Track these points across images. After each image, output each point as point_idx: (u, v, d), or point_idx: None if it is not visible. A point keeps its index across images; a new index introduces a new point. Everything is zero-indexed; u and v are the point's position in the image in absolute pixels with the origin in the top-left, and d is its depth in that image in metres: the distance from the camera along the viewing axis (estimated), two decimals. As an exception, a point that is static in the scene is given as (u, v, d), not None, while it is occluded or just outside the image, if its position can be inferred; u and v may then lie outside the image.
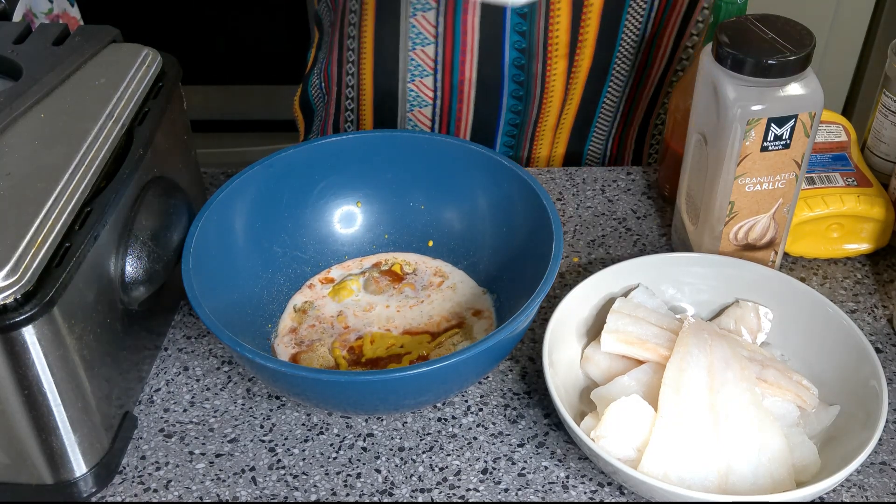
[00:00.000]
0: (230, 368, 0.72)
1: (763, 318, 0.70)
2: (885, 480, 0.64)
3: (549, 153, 0.99)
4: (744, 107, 0.66)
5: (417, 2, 0.85)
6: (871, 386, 0.62)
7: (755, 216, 0.72)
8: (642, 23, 0.89)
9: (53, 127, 0.64)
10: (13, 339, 0.54)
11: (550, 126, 0.94)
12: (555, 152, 0.99)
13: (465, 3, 0.85)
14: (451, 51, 0.88)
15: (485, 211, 0.76)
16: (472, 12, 0.85)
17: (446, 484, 0.63)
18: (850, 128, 0.85)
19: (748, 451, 0.60)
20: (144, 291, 0.65)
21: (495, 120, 0.94)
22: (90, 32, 0.72)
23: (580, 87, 0.92)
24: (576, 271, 0.80)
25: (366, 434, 0.67)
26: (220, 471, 0.64)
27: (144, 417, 0.68)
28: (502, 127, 0.94)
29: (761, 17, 0.68)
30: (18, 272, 0.53)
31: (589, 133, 0.97)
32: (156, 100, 0.70)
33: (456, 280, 0.77)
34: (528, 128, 0.94)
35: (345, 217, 0.79)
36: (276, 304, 0.75)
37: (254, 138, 2.16)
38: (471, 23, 0.86)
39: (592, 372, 0.68)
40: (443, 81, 0.91)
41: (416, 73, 0.91)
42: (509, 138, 0.96)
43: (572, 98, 0.92)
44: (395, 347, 0.71)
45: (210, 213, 0.69)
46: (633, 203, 0.87)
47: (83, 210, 0.59)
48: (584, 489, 0.63)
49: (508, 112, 0.93)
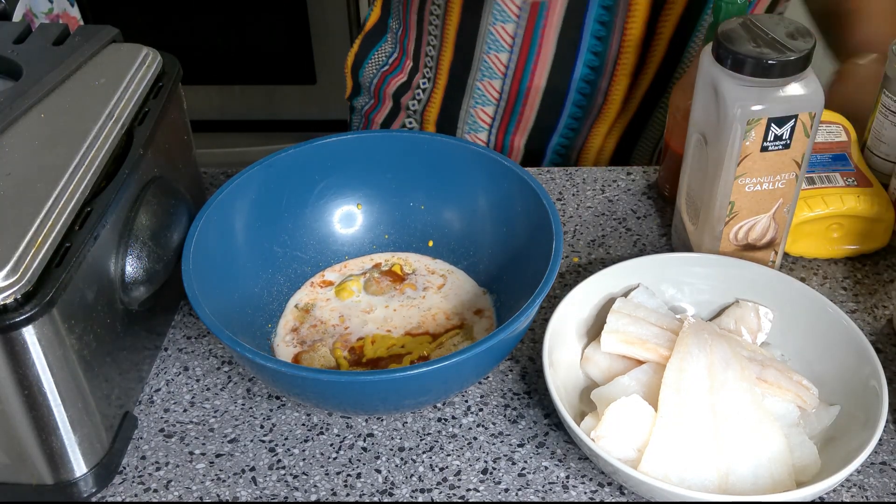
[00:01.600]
0: (230, 368, 0.72)
1: (763, 318, 0.70)
2: (885, 480, 0.64)
3: (599, 148, 1.03)
4: (744, 107, 0.66)
5: (499, 12, 0.89)
6: (872, 386, 0.62)
7: (755, 216, 0.72)
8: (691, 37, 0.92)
9: (53, 127, 0.64)
10: (13, 339, 0.54)
11: (602, 132, 1.00)
12: (606, 146, 1.03)
13: (545, 19, 0.88)
14: (525, 59, 0.92)
15: (485, 211, 0.76)
16: (550, 27, 0.89)
17: (446, 484, 0.63)
18: (850, 128, 0.85)
19: (748, 452, 0.60)
20: (144, 291, 0.65)
21: (554, 124, 0.98)
22: (90, 32, 0.72)
23: (638, 101, 0.97)
24: (576, 271, 0.80)
25: (366, 434, 0.67)
26: (220, 471, 0.64)
27: (144, 417, 0.68)
28: (560, 130, 0.99)
29: (761, 17, 0.68)
30: (18, 272, 0.53)
31: (642, 132, 1.02)
32: (156, 100, 0.70)
33: (456, 280, 0.77)
34: (583, 130, 0.99)
35: (345, 217, 0.79)
36: (276, 305, 0.75)
37: (254, 138, 2.16)
38: (549, 37, 0.90)
39: (592, 372, 0.68)
40: (510, 86, 0.95)
41: (486, 74, 0.95)
42: (564, 139, 1.00)
43: (629, 108, 0.98)
44: (395, 348, 0.71)
45: (210, 213, 0.69)
46: (633, 203, 0.87)
47: (83, 210, 0.59)
48: (584, 489, 0.63)
49: (569, 118, 0.97)
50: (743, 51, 0.65)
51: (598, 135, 1.00)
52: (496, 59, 0.93)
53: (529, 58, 0.92)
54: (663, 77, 0.96)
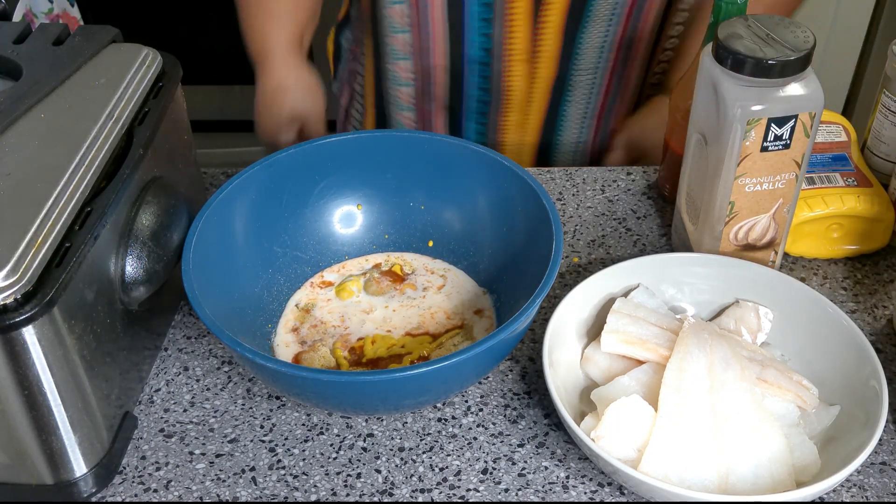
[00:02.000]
0: (230, 368, 0.72)
1: (763, 319, 0.70)
2: (885, 480, 0.64)
3: (518, 142, 1.04)
4: (744, 107, 0.66)
5: None
6: (872, 386, 0.62)
7: (755, 216, 0.72)
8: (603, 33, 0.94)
9: (53, 127, 0.64)
10: (13, 339, 0.54)
11: (516, 120, 1.01)
12: (524, 140, 1.04)
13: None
14: (420, 39, 0.95)
15: (485, 211, 0.76)
16: (435, 7, 0.92)
17: (446, 484, 0.63)
18: (850, 128, 0.86)
19: (748, 452, 0.60)
20: (144, 291, 0.65)
21: (461, 107, 1.01)
22: (90, 32, 0.72)
23: (545, 93, 0.99)
24: (576, 271, 0.80)
25: (366, 434, 0.67)
26: (220, 471, 0.64)
27: (144, 417, 0.68)
28: (472, 115, 1.01)
29: (761, 17, 0.68)
30: (18, 272, 0.53)
31: (556, 128, 1.03)
32: (156, 100, 0.70)
33: (456, 280, 0.77)
34: (495, 117, 1.01)
35: (345, 217, 0.79)
36: (277, 305, 0.75)
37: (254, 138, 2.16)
38: (437, 16, 0.93)
39: (592, 372, 0.68)
40: (417, 66, 0.98)
41: (394, 56, 1.00)
42: (479, 126, 1.02)
43: (535, 100, 0.99)
44: (395, 348, 0.71)
45: (210, 213, 0.69)
46: (633, 203, 0.87)
47: (83, 210, 0.59)
48: (584, 489, 0.63)
49: (476, 102, 0.99)
50: (743, 51, 0.65)
51: (510, 126, 1.02)
52: (398, 40, 0.97)
53: (424, 37, 0.95)
54: (565, 68, 0.97)
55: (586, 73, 0.97)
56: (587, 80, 0.98)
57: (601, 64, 0.97)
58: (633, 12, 0.93)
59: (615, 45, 0.96)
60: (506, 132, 1.03)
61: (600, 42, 0.95)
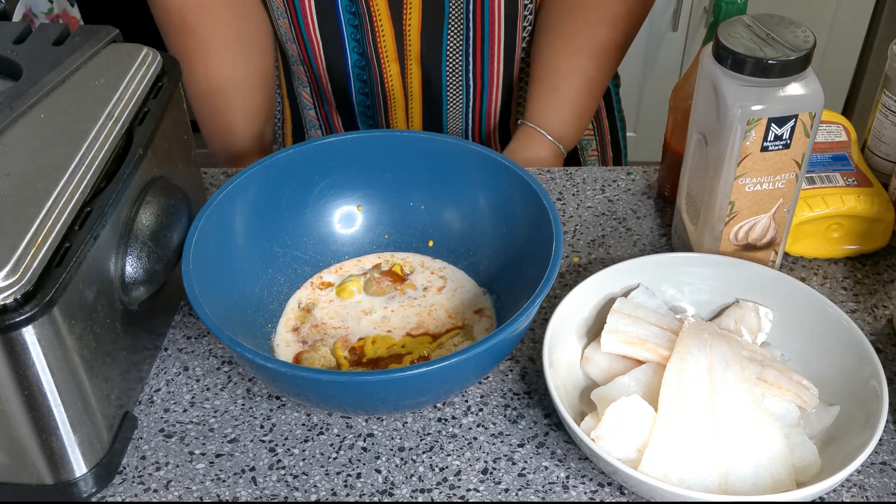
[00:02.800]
0: (230, 368, 0.72)
1: (763, 319, 0.70)
2: (885, 480, 0.64)
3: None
4: (744, 107, 0.66)
5: (275, 6, 0.97)
6: (872, 386, 0.62)
7: (755, 216, 0.72)
8: (463, 30, 0.98)
9: (53, 127, 0.64)
10: (13, 339, 0.54)
11: (402, 117, 1.05)
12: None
13: (301, 9, 0.95)
14: (304, 46, 0.99)
15: (485, 211, 0.76)
16: (308, 16, 0.96)
17: (446, 484, 0.63)
18: (850, 128, 0.85)
19: (748, 452, 0.60)
20: (144, 291, 0.65)
21: (353, 107, 1.05)
22: (90, 32, 0.72)
23: (419, 91, 1.03)
24: (576, 271, 0.80)
25: (366, 434, 0.67)
26: (220, 471, 0.64)
27: (144, 417, 0.68)
28: (362, 115, 1.06)
29: (761, 17, 0.68)
30: (18, 272, 0.53)
31: (442, 125, 1.07)
32: (156, 100, 0.70)
33: (456, 280, 0.77)
34: (385, 115, 1.05)
35: (345, 217, 0.79)
36: (277, 305, 0.75)
37: (254, 138, 2.16)
38: (311, 26, 0.97)
39: (592, 372, 0.68)
40: (309, 69, 1.03)
41: (294, 61, 1.05)
42: (372, 124, 1.07)
43: (412, 97, 1.03)
44: (396, 348, 0.71)
45: (210, 213, 0.69)
46: (633, 203, 0.87)
47: (83, 210, 0.59)
48: (585, 489, 0.63)
49: (363, 103, 1.04)
50: (743, 51, 0.65)
51: (398, 124, 1.06)
52: (291, 47, 1.02)
53: (307, 47, 0.99)
54: (433, 68, 1.00)
55: (454, 73, 1.01)
56: (456, 79, 1.02)
57: (465, 63, 1.00)
58: (482, 13, 0.96)
59: (475, 44, 0.99)
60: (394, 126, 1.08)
61: (461, 42, 0.98)
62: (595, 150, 1.15)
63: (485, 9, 0.95)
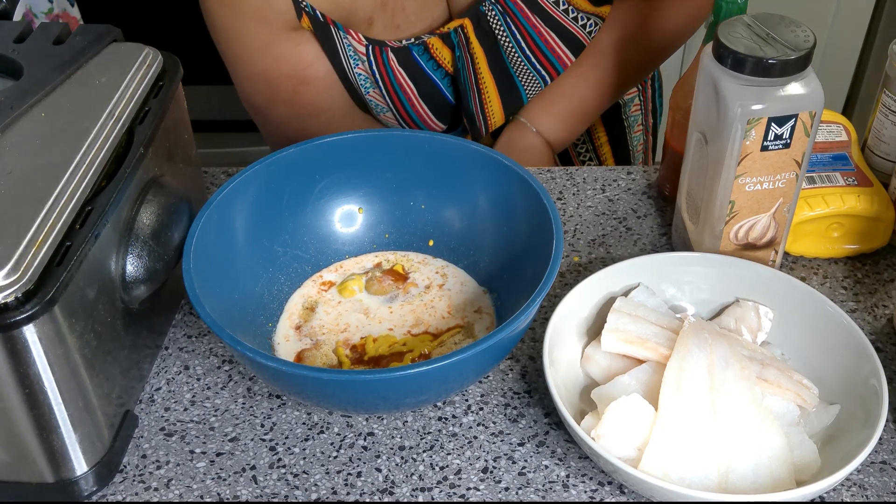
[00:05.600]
0: (231, 367, 0.72)
1: (763, 318, 0.70)
2: (885, 480, 0.64)
3: None
4: (744, 106, 0.66)
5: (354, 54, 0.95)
6: (872, 385, 0.63)
7: (755, 216, 0.72)
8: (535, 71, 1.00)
9: (54, 126, 0.64)
10: (14, 337, 0.54)
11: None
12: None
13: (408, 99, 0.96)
14: (395, 93, 0.99)
15: (485, 210, 0.76)
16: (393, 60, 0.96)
17: (447, 483, 0.64)
18: (850, 127, 0.86)
19: (748, 450, 0.60)
20: (145, 290, 0.65)
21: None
22: (91, 32, 0.72)
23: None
24: (576, 271, 0.80)
25: (366, 433, 0.67)
26: (220, 470, 0.64)
27: (145, 416, 0.68)
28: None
29: (761, 17, 0.68)
30: (19, 271, 0.53)
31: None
32: (156, 99, 0.70)
33: (456, 279, 0.77)
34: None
35: (345, 216, 0.79)
36: (277, 304, 0.75)
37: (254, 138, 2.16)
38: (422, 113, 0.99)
39: (593, 371, 0.68)
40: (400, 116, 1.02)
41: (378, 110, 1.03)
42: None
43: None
44: (397, 346, 0.71)
45: (210, 213, 0.69)
46: (633, 202, 0.87)
47: (84, 209, 0.59)
48: (585, 488, 0.63)
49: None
50: (743, 50, 0.65)
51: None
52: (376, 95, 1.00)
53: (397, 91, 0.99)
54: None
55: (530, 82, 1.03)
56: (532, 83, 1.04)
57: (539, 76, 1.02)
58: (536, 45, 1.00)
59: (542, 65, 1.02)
60: None
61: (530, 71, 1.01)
62: (637, 105, 1.16)
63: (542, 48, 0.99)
